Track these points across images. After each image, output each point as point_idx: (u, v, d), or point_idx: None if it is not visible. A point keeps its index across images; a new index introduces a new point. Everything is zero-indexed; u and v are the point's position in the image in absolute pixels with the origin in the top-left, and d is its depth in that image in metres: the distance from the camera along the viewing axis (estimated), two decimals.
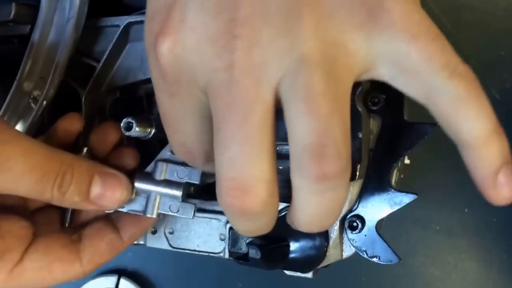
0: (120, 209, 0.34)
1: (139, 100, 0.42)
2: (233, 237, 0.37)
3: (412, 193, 0.34)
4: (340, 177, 0.23)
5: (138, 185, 0.34)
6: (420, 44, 0.23)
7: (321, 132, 0.22)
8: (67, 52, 0.39)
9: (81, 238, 0.34)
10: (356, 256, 0.56)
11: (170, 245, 0.41)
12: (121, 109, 0.43)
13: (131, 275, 0.62)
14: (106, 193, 0.32)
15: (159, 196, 0.34)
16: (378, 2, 0.23)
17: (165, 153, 0.35)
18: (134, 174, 0.35)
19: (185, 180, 0.34)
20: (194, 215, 0.34)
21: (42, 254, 0.32)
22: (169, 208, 0.34)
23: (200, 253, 0.40)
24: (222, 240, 0.39)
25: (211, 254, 0.39)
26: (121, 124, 0.35)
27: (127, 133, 0.35)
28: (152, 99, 0.43)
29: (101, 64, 0.40)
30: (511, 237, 0.53)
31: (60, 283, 0.32)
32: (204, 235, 0.40)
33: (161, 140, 0.39)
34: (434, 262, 0.55)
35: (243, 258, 0.36)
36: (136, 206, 0.34)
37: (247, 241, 0.36)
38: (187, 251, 0.40)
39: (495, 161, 0.23)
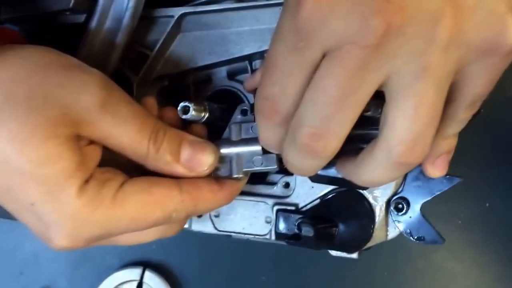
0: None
1: (187, 88, 0.44)
2: (283, 218, 0.39)
3: (456, 176, 0.36)
4: (416, 165, 0.28)
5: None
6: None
7: (418, 135, 0.27)
8: (123, 40, 0.41)
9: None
10: (377, 250, 0.58)
11: (216, 228, 0.42)
12: (169, 96, 0.44)
13: (156, 267, 0.63)
14: (195, 156, 0.34)
15: (241, 156, 0.36)
16: (502, 40, 0.26)
17: (236, 117, 0.37)
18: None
19: None
20: (278, 166, 0.35)
21: (141, 181, 0.32)
22: (253, 163, 0.35)
23: (246, 235, 0.41)
24: (268, 222, 0.40)
25: (256, 237, 0.41)
26: (178, 108, 0.36)
27: (183, 116, 0.36)
28: (199, 87, 0.44)
29: (154, 53, 0.42)
30: None
31: (162, 211, 0.32)
32: (250, 218, 0.41)
33: (212, 123, 0.40)
34: (455, 256, 0.57)
35: (293, 238, 0.38)
36: (222, 172, 0.36)
37: (297, 221, 0.38)
38: (232, 233, 0.42)
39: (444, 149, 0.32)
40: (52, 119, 0.29)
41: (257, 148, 0.35)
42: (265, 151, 0.35)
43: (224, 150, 0.36)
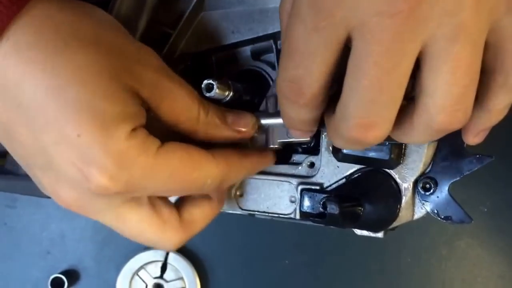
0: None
1: (210, 67, 0.44)
2: (308, 197, 0.38)
3: (487, 155, 0.35)
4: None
5: None
6: None
7: (458, 100, 0.26)
8: (145, 17, 0.40)
9: None
10: (401, 237, 0.57)
11: (240, 207, 0.42)
12: (192, 76, 0.44)
13: (180, 249, 0.63)
14: (238, 118, 0.36)
15: (276, 127, 0.37)
16: None
17: (272, 90, 0.38)
18: None
19: None
20: (312, 138, 0.36)
21: (179, 144, 0.33)
22: (287, 134, 0.37)
23: (270, 215, 0.41)
24: (292, 202, 0.40)
25: (281, 216, 0.41)
26: (202, 86, 0.36)
27: (207, 94, 0.36)
28: (223, 67, 0.44)
29: (176, 32, 0.41)
30: None
31: (199, 172, 0.33)
32: (274, 198, 0.41)
33: (235, 103, 0.40)
34: (480, 243, 0.56)
35: (318, 216, 0.37)
36: (259, 143, 0.38)
37: (322, 200, 0.37)
38: (256, 213, 0.41)
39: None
40: (117, 67, 0.30)
41: None
42: None
43: (261, 121, 0.37)
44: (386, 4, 0.23)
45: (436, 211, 0.37)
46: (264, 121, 0.37)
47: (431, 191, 0.36)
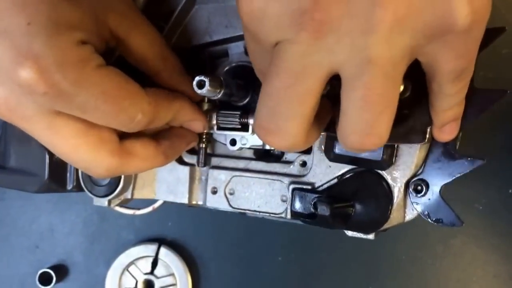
0: (243, 146, 0.40)
1: (203, 63, 0.43)
2: (299, 197, 0.38)
3: (479, 158, 0.35)
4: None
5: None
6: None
7: (370, 125, 0.27)
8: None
9: None
10: (395, 235, 0.57)
11: (230, 205, 0.42)
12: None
13: (171, 244, 0.63)
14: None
15: None
16: (451, 21, 0.25)
17: None
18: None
19: None
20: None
21: (122, 72, 0.33)
22: None
23: (261, 213, 0.41)
24: (283, 201, 0.40)
25: (272, 215, 0.40)
26: (194, 82, 0.35)
27: (198, 91, 0.35)
28: (215, 62, 0.43)
29: (169, 25, 0.41)
30: None
31: (131, 102, 0.33)
32: (266, 196, 0.40)
33: (228, 100, 0.40)
34: (476, 242, 0.56)
35: (309, 217, 0.37)
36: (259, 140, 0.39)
37: (313, 200, 0.37)
38: (247, 211, 0.41)
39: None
40: None
41: None
42: None
43: None
44: (291, 32, 0.26)
45: (427, 213, 0.36)
46: None
47: (423, 193, 0.36)
